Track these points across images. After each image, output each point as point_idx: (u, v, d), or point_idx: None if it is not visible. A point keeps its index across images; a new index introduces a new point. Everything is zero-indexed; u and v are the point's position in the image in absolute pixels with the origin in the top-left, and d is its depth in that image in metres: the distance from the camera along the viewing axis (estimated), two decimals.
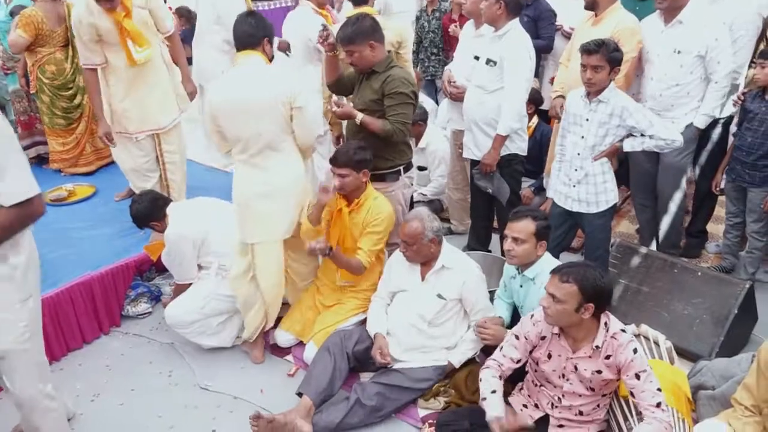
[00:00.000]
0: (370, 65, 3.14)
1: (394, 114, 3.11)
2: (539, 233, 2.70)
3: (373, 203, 3.15)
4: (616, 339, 2.30)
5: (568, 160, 3.15)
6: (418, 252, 2.93)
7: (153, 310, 3.71)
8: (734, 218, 3.69)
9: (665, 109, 3.43)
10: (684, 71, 3.38)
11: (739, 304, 3.08)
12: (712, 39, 3.28)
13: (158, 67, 3.72)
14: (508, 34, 3.33)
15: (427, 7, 5.68)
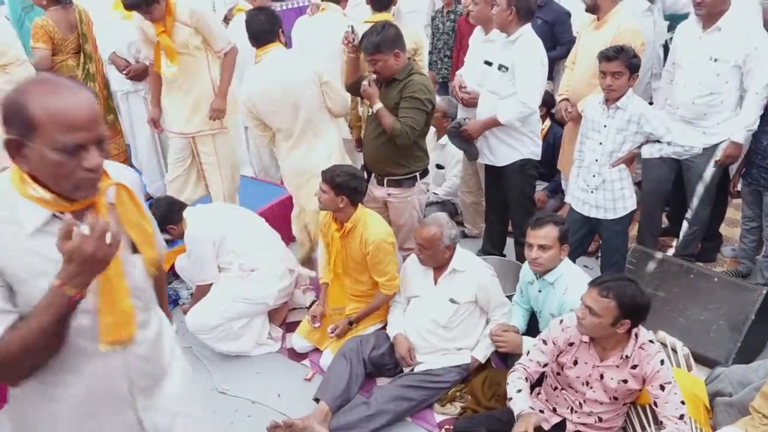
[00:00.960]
0: (393, 74, 3.18)
1: (405, 117, 3.15)
2: (562, 237, 2.73)
3: (363, 231, 3.14)
4: (644, 349, 2.32)
5: (587, 166, 3.16)
6: (433, 257, 2.96)
7: (171, 314, 3.74)
8: (750, 222, 3.67)
9: (698, 118, 3.37)
10: (720, 80, 3.30)
11: (756, 309, 3.08)
12: (752, 48, 3.20)
13: (198, 78, 3.71)
14: (519, 39, 3.32)
15: (443, 9, 5.68)
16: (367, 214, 3.20)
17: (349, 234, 3.16)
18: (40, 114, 1.28)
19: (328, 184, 3.04)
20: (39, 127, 1.28)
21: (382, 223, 3.21)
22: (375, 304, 3.27)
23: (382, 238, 3.11)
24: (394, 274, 3.19)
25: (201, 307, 3.33)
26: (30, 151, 1.30)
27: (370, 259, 3.14)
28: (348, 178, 3.01)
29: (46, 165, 1.31)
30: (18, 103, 1.29)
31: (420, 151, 3.36)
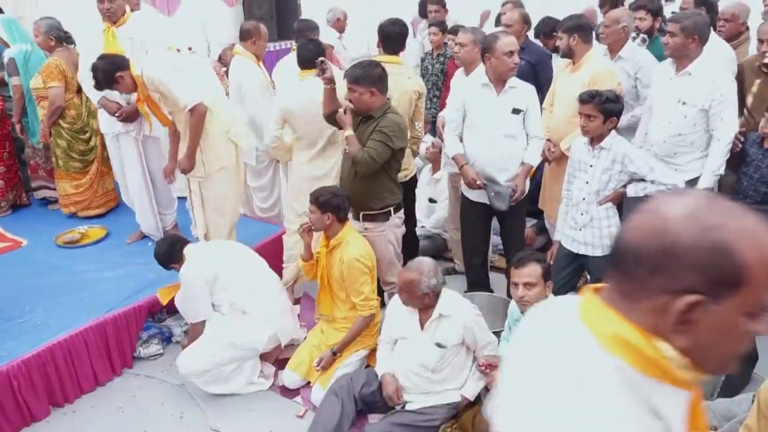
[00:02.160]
0: (366, 109, 3.33)
1: (369, 147, 3.28)
2: (545, 274, 2.80)
3: (343, 250, 3.27)
4: None
5: (575, 204, 3.25)
6: (411, 300, 2.99)
7: (164, 351, 3.76)
8: None
9: (668, 156, 3.50)
10: (688, 122, 3.44)
11: None
12: (717, 94, 3.34)
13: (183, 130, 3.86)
14: (520, 85, 3.58)
15: (432, 51, 5.87)
16: (351, 235, 3.35)
17: (334, 251, 3.32)
18: (755, 262, 0.85)
19: (314, 204, 3.26)
20: (749, 281, 0.85)
21: (361, 245, 3.33)
22: (355, 330, 3.34)
23: (354, 257, 3.25)
24: (369, 295, 3.30)
25: (191, 351, 3.35)
26: (707, 315, 0.87)
27: (346, 278, 3.29)
28: (330, 197, 3.23)
29: (723, 335, 0.89)
30: (716, 243, 0.85)
31: (394, 186, 3.51)
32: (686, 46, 3.38)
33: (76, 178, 4.82)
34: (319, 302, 3.61)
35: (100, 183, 4.93)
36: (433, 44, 5.78)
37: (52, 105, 4.51)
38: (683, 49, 3.39)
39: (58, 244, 4.45)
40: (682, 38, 3.36)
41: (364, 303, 3.30)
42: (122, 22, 4.09)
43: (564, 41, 3.80)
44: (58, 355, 3.30)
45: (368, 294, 3.31)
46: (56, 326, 3.44)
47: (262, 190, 4.95)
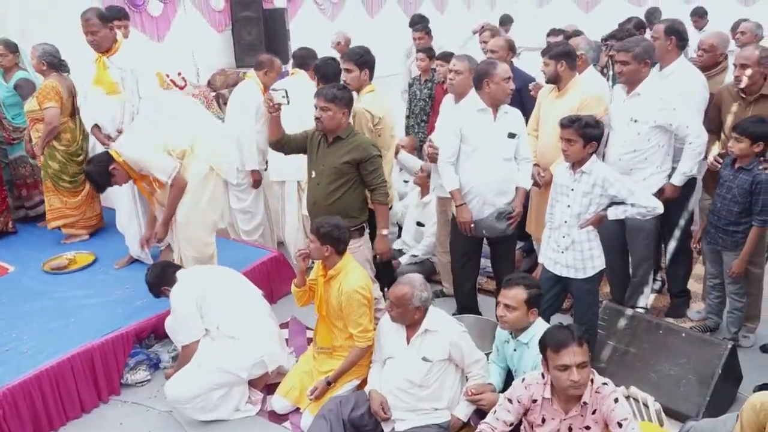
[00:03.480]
0: (335, 128, 3.47)
1: (377, 177, 3.55)
2: (530, 301, 2.83)
3: (343, 280, 3.29)
4: (600, 392, 2.43)
5: (557, 227, 3.31)
6: (403, 315, 3.05)
7: (152, 377, 3.74)
8: (714, 279, 3.83)
9: (625, 173, 3.59)
10: (641, 138, 3.60)
11: (722, 364, 3.19)
12: (669, 109, 3.52)
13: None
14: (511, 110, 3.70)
15: (420, 76, 5.95)
16: (350, 265, 3.35)
17: (331, 281, 3.32)
18: None
19: (314, 235, 3.26)
20: None
21: (360, 276, 3.34)
22: (351, 359, 3.34)
23: (354, 288, 3.24)
24: (367, 327, 3.30)
25: (178, 377, 3.35)
26: None
27: (344, 308, 3.28)
28: (331, 229, 3.24)
29: None
30: None
31: (365, 202, 3.67)
32: (640, 71, 3.59)
33: (66, 196, 4.84)
34: (317, 333, 3.58)
35: (90, 205, 4.97)
36: (421, 70, 5.87)
37: (49, 125, 4.56)
38: (637, 74, 3.59)
39: (45, 270, 4.44)
40: (635, 65, 3.57)
41: (361, 335, 3.30)
42: (113, 52, 4.15)
43: (551, 67, 3.89)
44: (45, 382, 3.28)
45: (366, 325, 3.31)
46: (43, 353, 3.43)
47: (244, 212, 4.99)
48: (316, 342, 3.56)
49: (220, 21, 8.88)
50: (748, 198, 3.43)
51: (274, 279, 4.58)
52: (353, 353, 3.34)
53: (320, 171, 3.56)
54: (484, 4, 14.18)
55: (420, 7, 11.97)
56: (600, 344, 3.52)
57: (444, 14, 13.13)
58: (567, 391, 2.41)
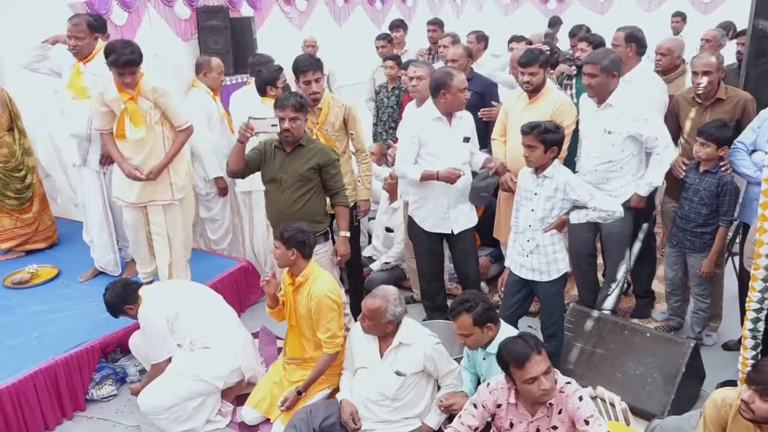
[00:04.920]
0: (299, 137, 3.51)
1: (338, 180, 3.62)
2: (479, 321, 2.82)
3: (311, 286, 3.29)
4: (564, 392, 2.46)
5: (521, 231, 3.35)
6: (375, 327, 3.04)
7: (118, 392, 3.68)
8: (672, 284, 3.91)
9: (601, 182, 3.67)
10: (616, 149, 3.65)
11: (686, 362, 3.26)
12: (642, 120, 3.57)
13: (152, 152, 3.85)
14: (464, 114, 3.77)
15: (387, 84, 5.98)
16: (318, 271, 3.34)
17: (300, 288, 3.31)
18: None
19: (279, 240, 3.26)
20: None
21: (329, 281, 3.34)
22: (320, 367, 3.32)
23: (324, 293, 3.23)
24: (336, 332, 3.29)
25: (154, 387, 3.30)
26: None
27: (314, 314, 3.26)
28: (296, 233, 3.24)
29: None
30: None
31: (326, 207, 3.71)
32: (608, 83, 3.60)
33: (15, 214, 4.74)
34: (287, 343, 3.55)
35: (43, 219, 4.90)
36: (389, 77, 5.90)
37: None
38: (606, 86, 3.61)
39: (6, 285, 4.34)
40: (603, 77, 3.58)
41: (330, 340, 3.28)
42: (90, 59, 4.09)
43: (540, 76, 3.92)
44: (6, 400, 3.20)
45: (335, 331, 3.29)
46: (4, 371, 3.34)
47: (213, 221, 4.94)
48: (287, 352, 3.54)
49: (186, 30, 8.76)
50: (715, 200, 3.53)
51: (243, 288, 4.56)
52: (322, 360, 3.32)
53: (282, 180, 3.55)
54: (451, 14, 14.29)
55: (388, 15, 12.02)
56: (567, 346, 3.57)
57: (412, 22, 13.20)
58: (540, 399, 2.44)
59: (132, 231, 4.09)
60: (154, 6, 8.29)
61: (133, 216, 4.02)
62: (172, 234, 4.03)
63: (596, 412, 2.46)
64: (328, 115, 3.90)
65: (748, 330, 3.03)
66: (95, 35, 4.09)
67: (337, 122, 3.92)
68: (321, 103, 3.88)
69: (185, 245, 4.15)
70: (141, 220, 4.04)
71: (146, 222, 4.05)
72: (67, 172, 5.01)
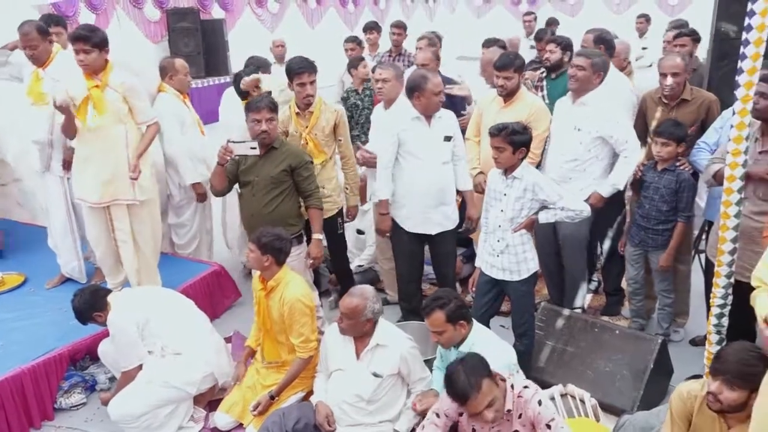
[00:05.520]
0: (274, 139, 3.52)
1: (311, 183, 3.64)
2: (452, 318, 2.83)
3: (284, 291, 3.27)
4: (522, 397, 2.48)
5: (492, 231, 3.38)
6: (353, 327, 3.03)
7: (87, 400, 3.62)
8: (634, 284, 3.97)
9: (564, 181, 3.72)
10: (583, 148, 3.72)
11: (654, 358, 3.32)
12: (613, 122, 3.64)
13: (114, 150, 3.78)
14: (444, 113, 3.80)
15: (356, 88, 5.97)
16: (290, 275, 3.33)
17: (272, 293, 3.29)
18: None
19: (254, 244, 3.23)
20: None
21: (302, 285, 3.33)
22: (293, 371, 3.30)
23: (296, 297, 3.22)
24: (309, 337, 3.27)
25: (125, 394, 3.24)
26: None
27: (287, 319, 3.25)
28: (273, 239, 3.22)
29: None
30: None
31: (300, 210, 3.72)
32: (591, 81, 3.69)
33: None
34: (263, 348, 3.52)
35: None
36: (358, 80, 5.90)
37: None
38: (588, 82, 3.69)
39: None
40: (589, 72, 3.67)
41: (303, 345, 3.27)
42: (48, 63, 4.02)
43: (515, 80, 3.97)
44: None
45: (308, 335, 3.28)
46: None
47: (181, 226, 4.87)
48: (264, 357, 3.50)
49: (156, 32, 8.72)
50: (674, 196, 3.63)
51: (216, 293, 4.51)
52: (295, 365, 3.31)
53: (255, 183, 3.54)
54: (424, 16, 14.39)
55: (360, 18, 12.04)
56: (539, 344, 3.61)
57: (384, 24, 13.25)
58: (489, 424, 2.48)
59: (96, 241, 4.03)
60: (123, 8, 8.23)
61: (96, 222, 3.95)
62: (140, 239, 3.98)
63: (556, 414, 2.47)
64: (319, 119, 3.89)
65: (712, 326, 3.10)
66: (49, 38, 4.02)
67: (328, 127, 3.90)
68: (312, 107, 3.87)
69: (154, 251, 4.10)
70: (104, 226, 3.97)
71: (111, 229, 3.98)
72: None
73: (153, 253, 4.09)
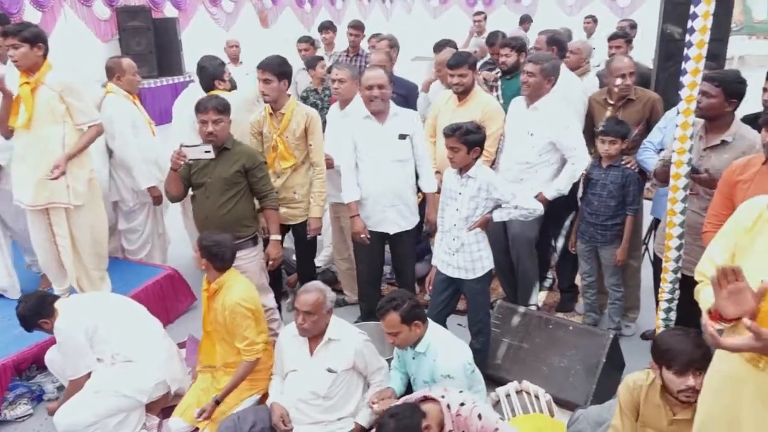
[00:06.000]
0: (225, 139, 3.46)
1: (266, 183, 3.58)
2: (406, 318, 2.84)
3: (225, 295, 3.23)
4: (461, 415, 2.47)
5: (447, 230, 3.40)
6: (317, 323, 3.01)
7: (34, 411, 3.49)
8: (588, 277, 4.06)
9: (515, 181, 3.78)
10: (534, 152, 3.78)
11: (606, 353, 3.39)
12: (563, 128, 3.70)
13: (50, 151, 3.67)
14: (401, 112, 3.79)
15: (315, 88, 5.93)
16: (233, 279, 3.27)
17: (216, 295, 3.25)
18: None
19: (198, 244, 3.23)
20: None
21: (243, 289, 3.26)
22: (240, 374, 3.25)
23: (236, 301, 3.17)
24: (254, 340, 3.23)
25: (72, 404, 3.14)
26: None
27: (229, 323, 3.20)
28: (212, 245, 3.21)
29: None
30: None
31: (255, 211, 3.67)
32: (543, 86, 3.73)
33: None
34: (201, 350, 3.47)
35: None
36: (315, 80, 5.86)
37: None
38: (540, 88, 3.74)
39: None
40: (540, 78, 3.71)
41: (248, 348, 3.22)
42: None
43: (470, 77, 4.01)
44: None
45: (253, 338, 3.22)
46: None
47: (132, 231, 4.74)
48: (201, 360, 3.44)
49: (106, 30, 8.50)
50: (621, 191, 3.73)
51: (170, 297, 4.42)
52: (242, 368, 3.25)
53: (208, 185, 3.48)
54: (381, 17, 14.42)
55: (317, 17, 11.99)
56: (495, 342, 3.64)
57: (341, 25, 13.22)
58: None
59: (37, 245, 3.91)
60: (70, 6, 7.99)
61: (36, 226, 3.84)
62: (79, 246, 3.87)
63: (498, 422, 2.47)
64: (290, 122, 3.81)
65: (661, 320, 3.20)
66: None
67: (299, 130, 3.81)
68: (284, 109, 3.79)
69: (95, 258, 3.97)
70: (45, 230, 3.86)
71: (52, 233, 3.86)
72: None
73: (94, 260, 3.96)
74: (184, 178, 3.54)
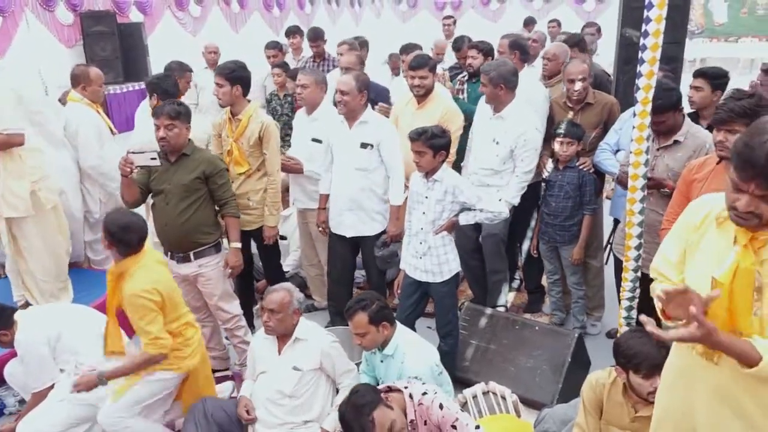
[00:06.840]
0: (181, 146, 3.42)
1: (227, 191, 3.55)
2: (374, 319, 2.85)
3: (126, 284, 2.93)
4: (423, 404, 2.49)
5: (414, 234, 3.42)
6: (283, 321, 3.01)
7: None
8: (553, 276, 4.13)
9: (481, 186, 3.84)
10: (498, 160, 3.83)
11: (571, 352, 3.44)
12: (522, 139, 3.75)
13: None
14: (372, 120, 3.78)
15: (277, 92, 5.92)
16: (137, 265, 2.94)
17: (119, 281, 2.97)
18: None
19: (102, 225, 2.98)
20: None
21: (145, 278, 2.91)
22: (137, 362, 3.00)
23: (134, 291, 2.86)
24: (158, 335, 2.92)
25: (35, 415, 3.07)
26: None
27: (129, 315, 2.94)
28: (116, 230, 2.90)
29: None
30: None
31: (216, 217, 3.63)
32: (497, 94, 3.78)
33: None
34: (106, 335, 3.16)
35: None
36: (278, 85, 5.87)
37: None
38: (496, 96, 3.79)
39: None
40: (491, 88, 3.77)
41: (152, 342, 2.91)
42: None
43: (430, 80, 4.04)
44: None
45: (157, 334, 2.91)
46: None
47: (99, 242, 4.59)
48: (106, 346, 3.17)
49: (70, 36, 8.32)
50: (578, 192, 3.81)
51: None
52: (141, 356, 2.99)
53: (167, 191, 3.44)
54: (350, 21, 14.42)
55: (285, 21, 11.93)
56: (463, 344, 3.68)
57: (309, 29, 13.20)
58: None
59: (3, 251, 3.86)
60: (32, 10, 7.82)
61: None
62: (27, 255, 3.79)
63: (459, 413, 2.49)
64: (246, 128, 3.78)
65: (623, 318, 3.26)
66: None
67: (253, 138, 3.78)
68: (242, 115, 3.77)
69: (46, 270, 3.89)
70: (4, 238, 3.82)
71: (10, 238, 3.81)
72: None
73: (45, 272, 3.88)
74: (142, 184, 3.48)
